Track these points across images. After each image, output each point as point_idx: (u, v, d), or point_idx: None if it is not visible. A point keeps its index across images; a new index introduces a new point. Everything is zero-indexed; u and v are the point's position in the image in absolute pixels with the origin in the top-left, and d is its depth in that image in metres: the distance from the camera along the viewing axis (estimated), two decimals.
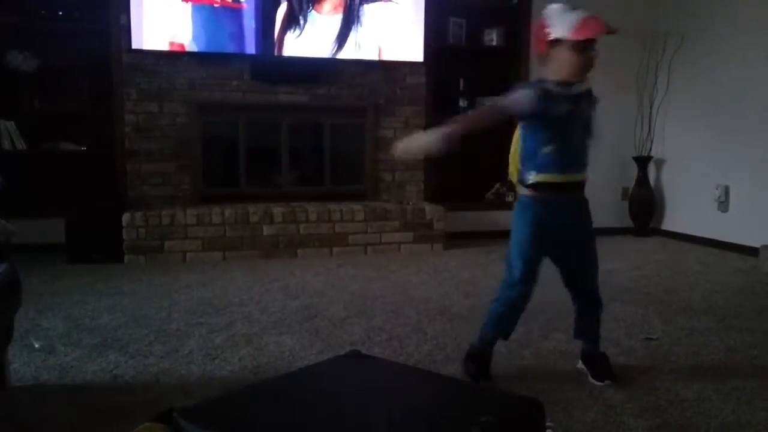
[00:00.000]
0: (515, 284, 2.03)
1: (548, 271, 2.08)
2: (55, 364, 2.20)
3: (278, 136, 4.46)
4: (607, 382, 2.06)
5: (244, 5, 4.16)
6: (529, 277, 2.03)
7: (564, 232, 2.03)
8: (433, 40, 4.58)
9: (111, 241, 3.84)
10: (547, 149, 1.95)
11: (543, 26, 1.94)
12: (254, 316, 2.79)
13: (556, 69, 1.95)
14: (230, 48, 4.20)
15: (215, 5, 4.11)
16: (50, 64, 4.14)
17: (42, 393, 2.00)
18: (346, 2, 4.31)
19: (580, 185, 2.05)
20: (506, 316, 2.09)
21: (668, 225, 5.08)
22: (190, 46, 4.11)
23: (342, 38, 4.33)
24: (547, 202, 2.00)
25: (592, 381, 2.07)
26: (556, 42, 1.92)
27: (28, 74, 4.10)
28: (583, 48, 1.92)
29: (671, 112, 4.97)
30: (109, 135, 4.23)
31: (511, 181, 2.16)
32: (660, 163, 5.14)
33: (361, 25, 4.35)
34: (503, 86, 4.69)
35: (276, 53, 4.27)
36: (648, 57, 4.88)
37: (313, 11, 4.27)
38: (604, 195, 5.15)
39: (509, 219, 2.08)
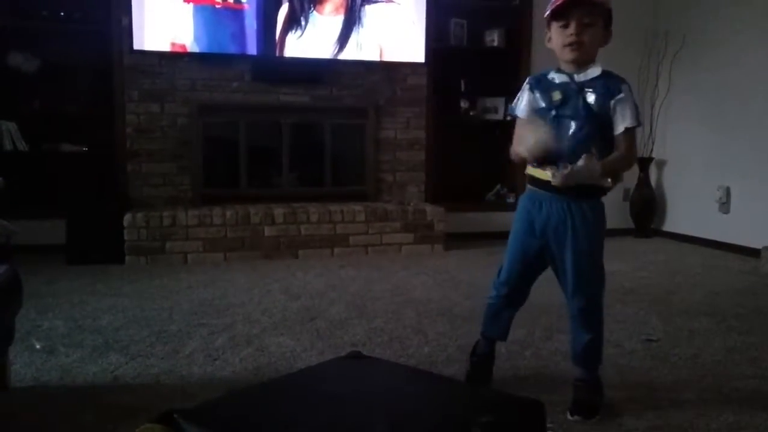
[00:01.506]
0: None
1: (547, 273, 2.07)
2: (56, 365, 2.20)
3: (279, 136, 4.46)
4: (575, 417, 1.82)
5: (246, 6, 4.16)
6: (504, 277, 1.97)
7: (551, 231, 1.85)
8: (435, 41, 4.59)
9: (112, 242, 3.84)
10: None
11: None
12: (255, 317, 2.79)
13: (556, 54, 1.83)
14: (231, 49, 4.20)
15: (217, 6, 4.12)
16: (51, 65, 4.15)
17: (43, 394, 2.00)
18: (347, 3, 4.31)
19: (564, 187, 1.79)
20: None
21: (669, 226, 5.08)
22: (191, 46, 4.11)
23: (343, 39, 4.34)
24: (535, 198, 1.88)
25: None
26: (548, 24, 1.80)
27: (30, 75, 4.11)
28: (563, 24, 1.75)
29: (672, 113, 4.97)
30: (110, 136, 4.23)
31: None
32: (661, 165, 5.14)
33: (362, 26, 4.35)
34: (504, 87, 4.73)
35: (277, 54, 4.27)
36: (649, 57, 4.88)
37: (314, 12, 4.27)
38: (605, 196, 5.16)
39: (509, 220, 2.02)
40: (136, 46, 4.02)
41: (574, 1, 1.72)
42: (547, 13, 1.77)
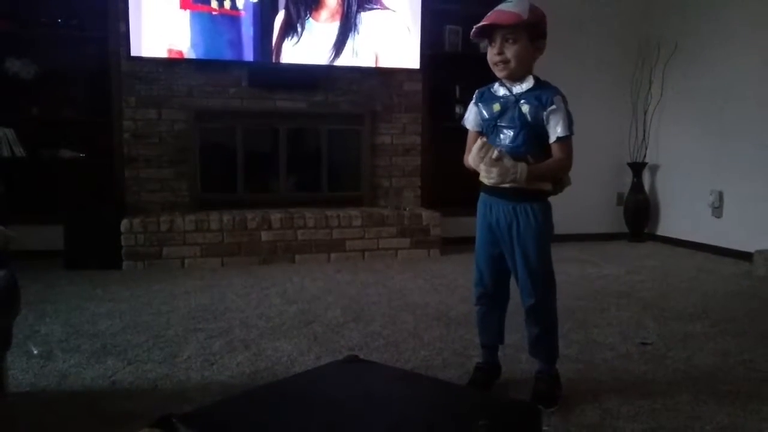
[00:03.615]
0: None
1: None
2: (53, 371, 2.21)
3: (276, 142, 4.48)
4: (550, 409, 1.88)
5: (243, 13, 4.19)
6: (477, 276, 2.05)
7: (501, 233, 1.95)
8: (430, 48, 4.61)
9: (109, 247, 3.85)
10: None
11: None
12: (252, 322, 2.80)
13: None
14: (228, 55, 4.22)
15: (213, 13, 4.14)
16: (49, 71, 4.17)
17: (40, 399, 2.00)
18: (343, 10, 4.34)
19: (508, 191, 1.89)
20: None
21: (663, 230, 5.11)
22: (188, 53, 4.13)
23: (339, 45, 4.36)
24: (486, 201, 1.99)
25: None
26: None
27: (27, 81, 4.12)
28: (491, 43, 1.87)
29: (665, 118, 5.01)
30: (107, 142, 4.24)
31: None
32: (654, 169, 5.17)
33: (358, 33, 4.38)
34: None
35: (274, 60, 4.29)
36: (642, 63, 4.92)
37: (310, 19, 4.30)
38: (599, 201, 5.19)
39: None
40: (134, 53, 4.04)
41: (491, 25, 1.83)
42: (471, 36, 1.89)
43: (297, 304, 3.11)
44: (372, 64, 4.46)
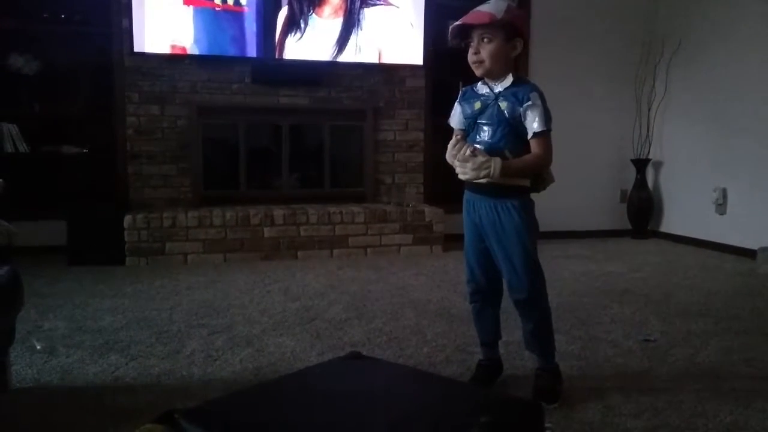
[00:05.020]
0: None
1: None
2: (56, 366, 2.21)
3: (279, 138, 4.48)
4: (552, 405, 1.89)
5: (246, 9, 4.18)
6: (468, 274, 2.06)
7: (485, 230, 1.96)
8: (433, 44, 4.60)
9: (112, 243, 3.86)
10: None
11: None
12: (255, 318, 2.80)
13: None
14: (231, 51, 4.22)
15: (217, 9, 4.13)
16: (52, 67, 4.17)
17: (43, 395, 2.01)
18: (346, 6, 4.33)
19: (488, 188, 1.88)
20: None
21: (666, 227, 5.10)
22: (191, 49, 4.13)
23: (342, 42, 4.36)
24: (469, 199, 2.01)
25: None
26: None
27: (30, 77, 4.12)
28: (470, 43, 1.91)
29: (669, 115, 5.00)
30: (110, 137, 4.25)
31: None
32: (658, 166, 5.16)
33: (361, 29, 4.37)
34: None
35: (277, 56, 4.29)
36: (646, 60, 4.91)
37: (313, 15, 4.29)
38: (602, 197, 5.18)
39: None
40: (137, 49, 4.04)
41: (465, 25, 1.89)
42: (449, 36, 1.94)
43: (299, 300, 3.11)
44: (375, 60, 4.45)
